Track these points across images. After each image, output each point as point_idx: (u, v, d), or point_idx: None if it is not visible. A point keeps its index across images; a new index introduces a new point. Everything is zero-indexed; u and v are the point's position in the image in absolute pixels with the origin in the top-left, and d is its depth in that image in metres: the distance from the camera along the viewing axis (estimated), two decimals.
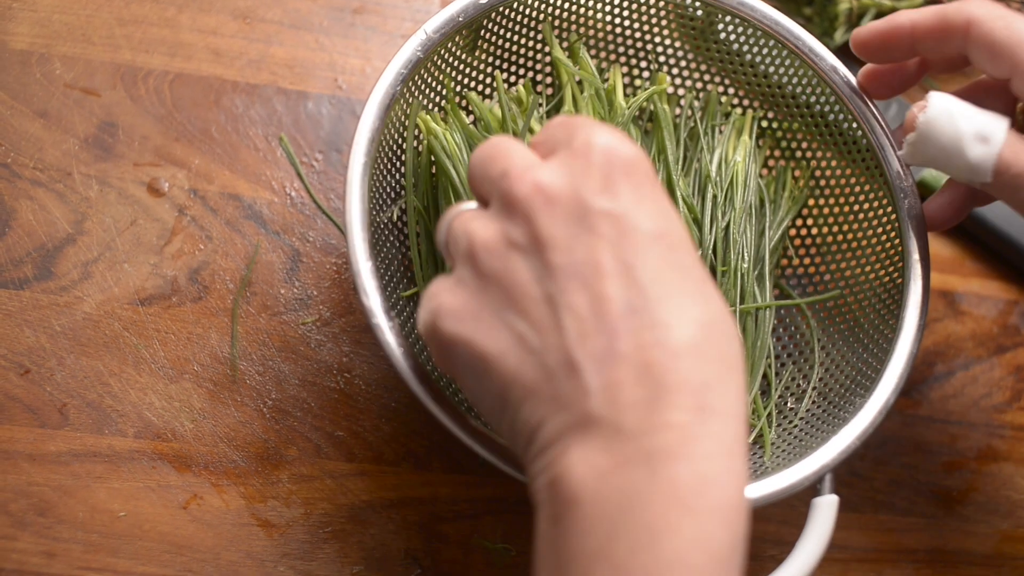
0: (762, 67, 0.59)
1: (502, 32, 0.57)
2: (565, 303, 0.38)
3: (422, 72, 0.54)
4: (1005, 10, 0.50)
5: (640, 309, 0.38)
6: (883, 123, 0.56)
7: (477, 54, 0.57)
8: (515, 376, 0.39)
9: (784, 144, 0.61)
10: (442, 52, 0.55)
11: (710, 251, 0.56)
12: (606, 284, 0.38)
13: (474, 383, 0.41)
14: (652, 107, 0.59)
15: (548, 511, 0.38)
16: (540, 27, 0.58)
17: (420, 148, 0.56)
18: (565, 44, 0.59)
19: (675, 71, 0.61)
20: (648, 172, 0.41)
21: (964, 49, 0.52)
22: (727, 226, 0.56)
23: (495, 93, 0.59)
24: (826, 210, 0.60)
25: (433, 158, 0.55)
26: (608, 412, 0.37)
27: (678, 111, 0.61)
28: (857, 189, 0.59)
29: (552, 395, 0.38)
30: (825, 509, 0.50)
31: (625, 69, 0.61)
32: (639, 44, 0.60)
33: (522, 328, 0.39)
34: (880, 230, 0.57)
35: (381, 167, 0.53)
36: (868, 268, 0.58)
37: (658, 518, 0.36)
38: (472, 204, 0.44)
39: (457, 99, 0.57)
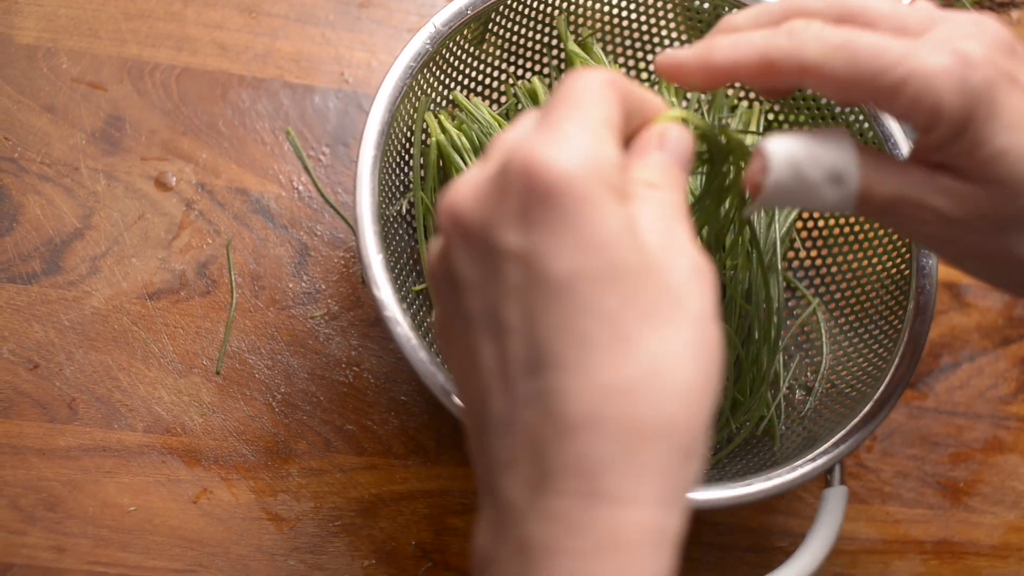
0: None
1: (510, 25, 0.57)
2: (478, 356, 0.34)
3: (431, 65, 0.54)
4: (844, 36, 0.39)
5: (536, 372, 0.32)
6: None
7: (485, 47, 0.57)
8: (460, 412, 0.38)
9: None
10: (450, 45, 0.55)
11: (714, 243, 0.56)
12: (508, 341, 0.33)
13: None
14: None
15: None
16: (548, 20, 0.58)
17: (428, 142, 0.56)
18: (576, 39, 0.59)
19: None
20: (586, 191, 0.32)
21: (800, 86, 0.42)
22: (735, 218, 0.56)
23: (503, 87, 0.59)
24: None
25: (440, 152, 0.55)
26: (504, 487, 0.33)
27: (684, 104, 0.61)
28: None
29: (477, 450, 0.35)
30: (836, 499, 0.51)
31: (631, 63, 0.61)
32: (645, 37, 0.61)
33: (456, 374, 0.36)
34: None
35: (390, 160, 0.53)
36: (875, 260, 0.58)
37: None
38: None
39: (465, 93, 0.57)
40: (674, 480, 0.32)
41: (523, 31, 0.58)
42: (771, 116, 0.61)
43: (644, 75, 0.61)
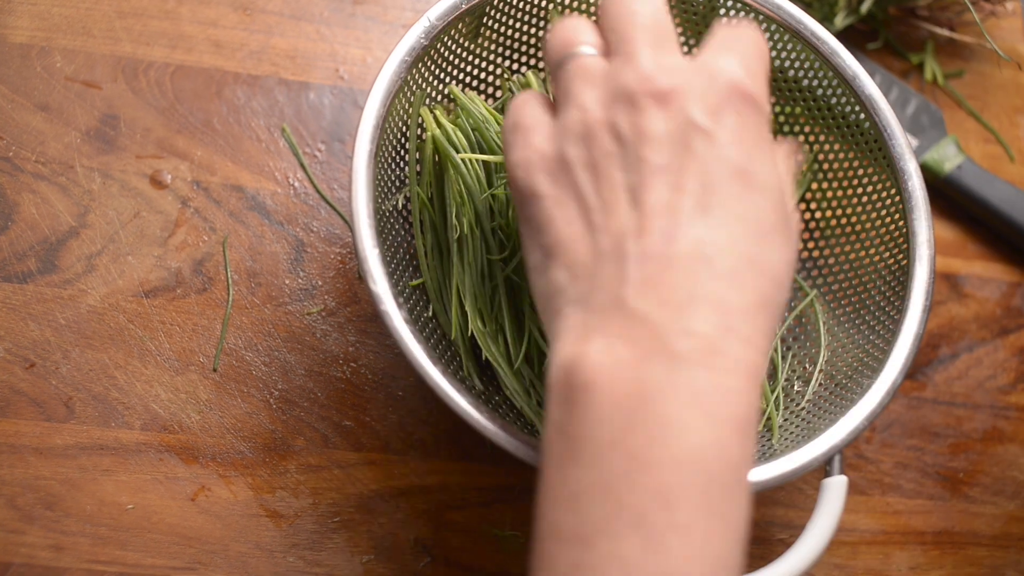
0: None
1: (505, 19, 0.57)
2: (640, 197, 0.40)
3: (425, 60, 0.54)
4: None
5: (701, 227, 0.40)
6: (886, 106, 0.56)
7: (480, 42, 0.57)
8: (569, 244, 0.41)
9: (787, 129, 0.61)
10: (445, 40, 0.55)
11: None
12: (681, 194, 0.40)
13: (531, 232, 0.43)
14: None
15: (561, 394, 0.39)
16: (543, 14, 0.58)
17: (423, 137, 0.56)
18: None
19: None
20: (759, 117, 0.42)
21: None
22: None
23: (498, 81, 0.59)
24: (829, 194, 0.61)
25: (436, 147, 0.55)
26: (640, 304, 0.39)
27: None
28: (860, 172, 0.59)
29: (594, 273, 0.40)
30: (835, 489, 0.51)
31: None
32: None
33: (594, 204, 0.41)
34: (884, 213, 0.57)
35: (385, 155, 0.53)
36: (872, 251, 0.58)
37: (677, 416, 0.37)
38: (590, 48, 0.45)
39: (460, 87, 0.57)
40: (769, 335, 0.41)
41: (518, 25, 0.58)
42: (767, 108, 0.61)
43: None
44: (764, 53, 0.44)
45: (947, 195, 0.69)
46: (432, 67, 0.55)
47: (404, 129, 0.55)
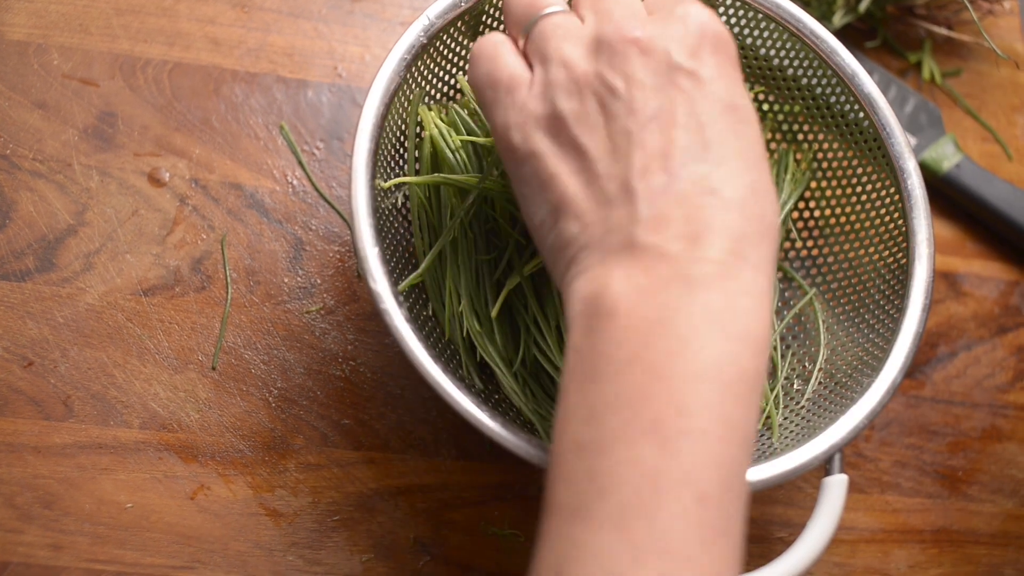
0: (763, 50, 0.59)
1: (504, 17, 0.57)
2: (639, 140, 0.42)
3: (424, 58, 0.54)
4: None
5: (702, 161, 0.42)
6: (885, 104, 0.56)
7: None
8: (576, 195, 0.43)
9: (785, 127, 0.61)
10: (444, 38, 0.54)
11: None
12: (678, 132, 0.42)
13: (533, 193, 0.44)
14: None
15: (583, 323, 0.41)
16: None
17: (423, 135, 0.56)
18: None
19: None
20: (733, 55, 0.45)
21: None
22: None
23: None
24: (828, 192, 0.61)
25: (434, 145, 0.55)
26: (654, 239, 0.41)
27: None
28: (859, 171, 0.59)
29: (604, 218, 0.42)
30: (836, 488, 0.51)
31: None
32: None
33: (594, 155, 0.43)
34: (883, 211, 0.57)
35: (384, 154, 0.53)
36: (872, 249, 0.58)
37: (694, 332, 0.39)
38: (559, 5, 0.47)
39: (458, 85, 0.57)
40: (773, 263, 0.42)
41: None
42: (766, 107, 0.61)
43: None
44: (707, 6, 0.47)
45: (945, 194, 0.69)
46: (431, 65, 0.55)
47: (403, 127, 0.55)
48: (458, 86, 0.57)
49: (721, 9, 0.58)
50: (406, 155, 0.55)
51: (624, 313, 0.40)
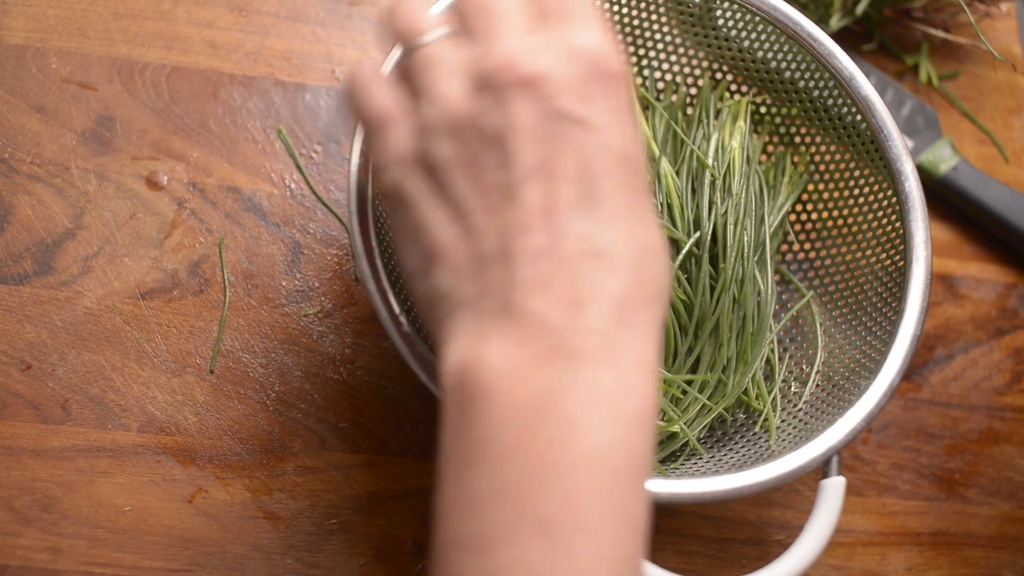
0: (760, 53, 0.59)
1: None
2: (520, 194, 0.38)
3: None
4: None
5: (590, 219, 0.38)
6: (882, 107, 0.56)
7: None
8: (450, 248, 0.39)
9: (783, 130, 0.61)
10: None
11: (708, 236, 0.56)
12: (563, 187, 0.38)
13: (406, 238, 0.41)
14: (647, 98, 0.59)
15: (456, 400, 0.38)
16: None
17: None
18: None
19: (672, 58, 0.61)
20: (626, 91, 0.40)
21: None
22: (726, 212, 0.56)
23: None
24: (826, 195, 0.61)
25: None
26: (533, 304, 0.37)
27: (674, 98, 0.61)
28: (857, 173, 0.59)
29: (480, 276, 0.39)
30: (833, 490, 0.51)
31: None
32: (636, 31, 0.60)
33: (470, 206, 0.39)
34: (880, 214, 0.57)
35: None
36: (869, 252, 0.58)
37: (578, 416, 0.36)
38: (437, 32, 0.41)
39: None
40: (661, 327, 0.40)
41: None
42: (764, 110, 0.61)
43: (636, 69, 0.61)
44: (599, 11, 0.42)
45: (942, 196, 0.69)
46: None
47: None
48: None
49: (719, 12, 0.59)
50: None
51: (503, 392, 0.36)
